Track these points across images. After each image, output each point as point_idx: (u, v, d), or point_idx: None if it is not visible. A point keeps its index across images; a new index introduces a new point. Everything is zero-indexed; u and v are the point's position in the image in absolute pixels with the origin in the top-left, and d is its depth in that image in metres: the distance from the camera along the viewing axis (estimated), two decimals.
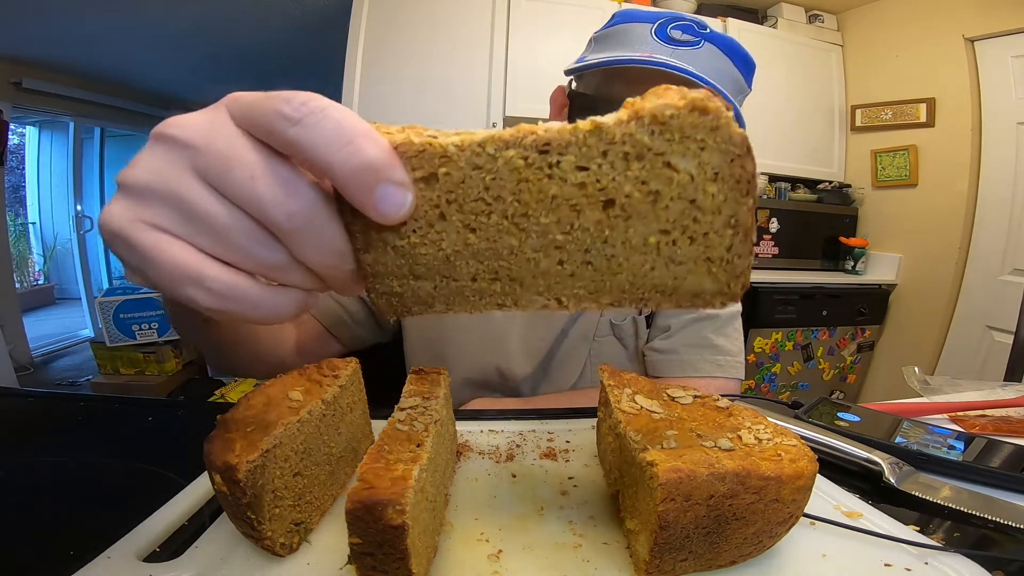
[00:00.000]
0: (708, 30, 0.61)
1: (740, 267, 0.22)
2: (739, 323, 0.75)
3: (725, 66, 0.61)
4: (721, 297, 0.23)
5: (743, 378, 0.72)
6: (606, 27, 0.66)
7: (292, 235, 0.21)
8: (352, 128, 0.20)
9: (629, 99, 0.20)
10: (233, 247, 0.21)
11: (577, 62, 0.65)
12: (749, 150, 0.20)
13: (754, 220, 0.22)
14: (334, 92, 2.05)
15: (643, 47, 0.60)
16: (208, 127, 0.21)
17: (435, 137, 0.21)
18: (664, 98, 0.19)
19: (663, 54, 0.58)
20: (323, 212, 0.21)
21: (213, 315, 0.22)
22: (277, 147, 0.21)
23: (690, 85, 0.23)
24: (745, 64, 0.63)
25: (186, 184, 0.21)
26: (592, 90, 0.65)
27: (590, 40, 0.69)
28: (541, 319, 0.73)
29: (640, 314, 0.74)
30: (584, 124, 0.20)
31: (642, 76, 0.55)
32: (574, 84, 0.68)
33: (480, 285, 0.24)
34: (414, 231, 0.23)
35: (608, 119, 0.20)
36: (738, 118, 0.60)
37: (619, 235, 0.22)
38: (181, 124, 0.21)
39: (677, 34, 0.60)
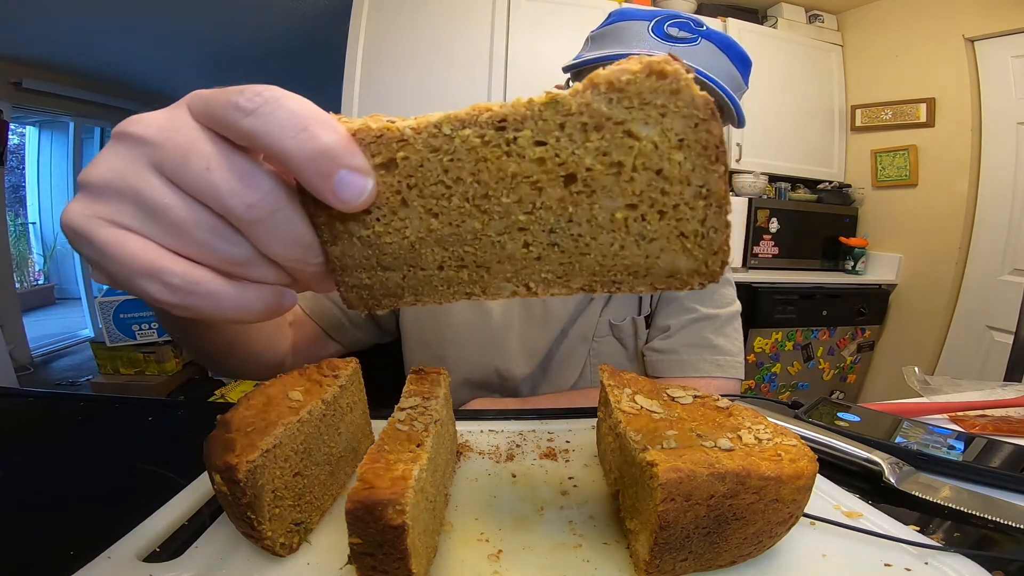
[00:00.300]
0: (705, 28, 0.61)
1: (717, 242, 0.21)
2: (739, 323, 0.75)
3: (723, 63, 0.61)
4: (699, 276, 0.22)
5: (743, 378, 0.72)
6: (603, 26, 0.66)
7: (254, 227, 0.21)
8: (307, 116, 0.20)
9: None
10: (193, 241, 0.21)
11: (575, 59, 0.65)
12: (714, 113, 0.19)
13: (727, 189, 0.21)
14: (334, 92, 2.06)
15: (641, 44, 0.60)
16: (167, 123, 0.21)
17: (393, 122, 0.21)
18: (622, 65, 0.19)
19: (661, 51, 0.58)
20: (285, 203, 0.21)
21: (175, 311, 0.22)
22: (234, 139, 0.20)
23: None
24: (742, 62, 0.63)
25: (144, 179, 0.21)
26: None
27: (587, 39, 0.69)
28: (540, 320, 0.73)
29: (639, 314, 0.74)
30: (540, 97, 0.20)
31: None
32: (571, 83, 0.68)
33: (447, 274, 0.24)
34: (378, 220, 0.22)
35: (565, 91, 0.20)
36: (739, 114, 0.61)
37: (584, 212, 0.21)
38: (141, 121, 0.21)
39: (674, 31, 0.60)
